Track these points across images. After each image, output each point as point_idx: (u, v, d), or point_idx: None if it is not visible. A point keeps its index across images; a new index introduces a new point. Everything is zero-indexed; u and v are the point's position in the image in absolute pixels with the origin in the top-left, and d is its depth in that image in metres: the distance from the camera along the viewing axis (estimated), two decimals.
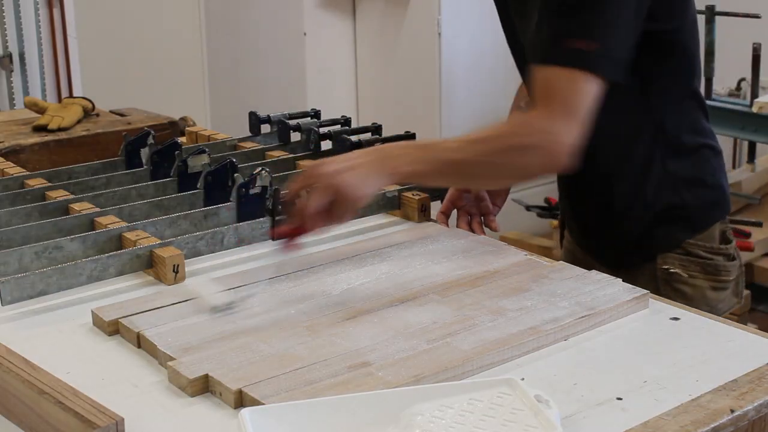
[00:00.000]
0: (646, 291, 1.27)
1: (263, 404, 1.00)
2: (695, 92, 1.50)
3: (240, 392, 1.03)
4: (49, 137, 2.15)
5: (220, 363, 1.09)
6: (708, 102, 2.26)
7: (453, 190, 1.63)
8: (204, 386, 1.07)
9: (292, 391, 1.02)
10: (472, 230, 1.58)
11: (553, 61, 1.32)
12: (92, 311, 1.25)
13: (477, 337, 1.14)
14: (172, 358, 1.11)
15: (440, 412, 0.97)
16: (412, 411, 0.97)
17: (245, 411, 0.94)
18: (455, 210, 1.63)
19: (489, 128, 1.36)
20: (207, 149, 1.70)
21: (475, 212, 1.62)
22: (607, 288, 1.28)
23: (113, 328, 1.22)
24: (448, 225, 1.59)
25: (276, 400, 1.00)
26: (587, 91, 1.30)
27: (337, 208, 1.25)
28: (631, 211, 1.50)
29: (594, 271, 1.35)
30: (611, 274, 1.33)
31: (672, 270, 1.48)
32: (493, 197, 1.64)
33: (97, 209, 1.53)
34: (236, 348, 1.13)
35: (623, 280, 1.31)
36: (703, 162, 1.50)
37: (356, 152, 1.32)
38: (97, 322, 1.24)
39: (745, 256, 3.17)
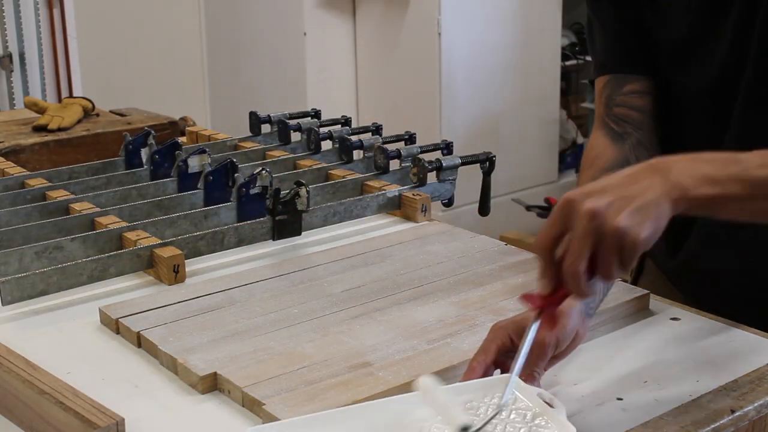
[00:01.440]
0: (646, 291, 1.27)
1: (263, 404, 1.00)
2: None
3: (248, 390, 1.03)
4: (49, 137, 2.15)
5: (226, 361, 1.09)
6: None
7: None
8: (214, 384, 1.07)
9: (292, 391, 1.02)
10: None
11: None
12: (100, 309, 1.25)
13: (477, 337, 1.14)
14: (173, 358, 1.11)
15: None
16: (417, 417, 0.96)
17: (250, 430, 0.94)
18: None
19: None
20: (207, 149, 1.70)
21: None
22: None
23: (119, 327, 1.22)
24: None
25: (276, 400, 1.00)
26: None
27: (607, 260, 0.89)
28: None
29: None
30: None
31: None
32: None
33: (98, 209, 1.53)
34: (240, 347, 1.13)
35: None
36: None
37: (622, 174, 0.94)
38: (105, 319, 1.24)
39: None
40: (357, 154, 1.81)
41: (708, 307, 1.27)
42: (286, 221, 1.49)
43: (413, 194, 1.62)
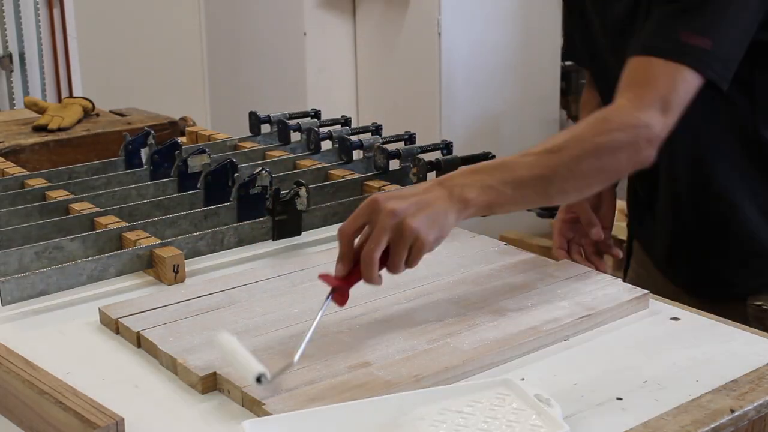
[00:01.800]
0: (646, 291, 1.27)
1: (263, 404, 1.00)
2: None
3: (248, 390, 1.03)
4: (49, 137, 2.15)
5: (224, 362, 1.09)
6: None
7: (560, 222, 1.51)
8: (213, 384, 1.07)
9: (292, 391, 1.02)
10: (591, 263, 1.44)
11: (660, 52, 1.23)
12: (99, 309, 1.25)
13: (477, 337, 1.14)
14: (173, 358, 1.11)
15: (441, 416, 0.97)
16: (413, 416, 0.96)
17: (246, 423, 0.94)
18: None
19: (563, 134, 1.22)
20: (207, 149, 1.70)
21: (587, 242, 1.51)
22: (607, 288, 1.28)
23: (119, 327, 1.22)
24: (570, 257, 1.49)
25: (276, 400, 1.00)
26: (689, 88, 1.22)
27: (400, 254, 1.09)
28: (736, 237, 1.41)
29: (595, 270, 1.35)
30: (698, 307, 1.25)
31: (765, 306, 1.40)
32: (603, 220, 1.51)
33: (97, 209, 1.53)
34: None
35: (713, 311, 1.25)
36: None
37: (418, 187, 1.15)
38: (105, 319, 1.24)
39: None
40: (357, 154, 1.81)
41: (681, 284, 1.46)
42: (286, 221, 1.49)
43: None
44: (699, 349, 1.15)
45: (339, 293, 1.11)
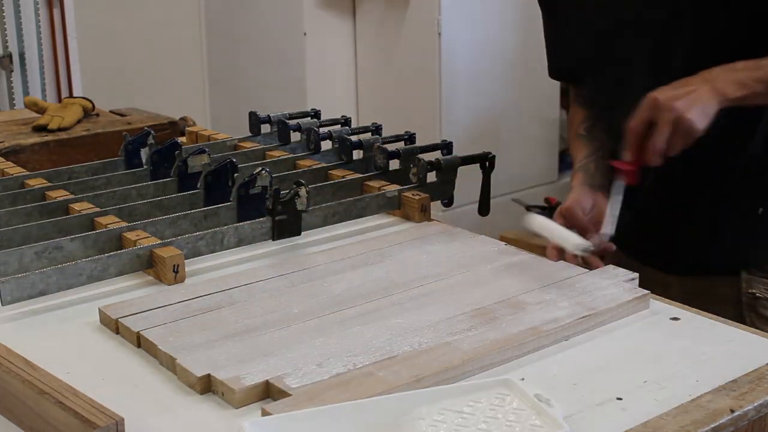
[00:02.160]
0: (646, 291, 1.27)
1: (286, 391, 1.00)
2: None
3: (242, 392, 1.03)
4: (49, 137, 2.15)
5: (225, 362, 1.09)
6: None
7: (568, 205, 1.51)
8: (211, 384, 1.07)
9: (295, 389, 1.02)
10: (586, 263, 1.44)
11: None
12: (99, 309, 1.25)
13: (477, 337, 1.14)
14: (173, 358, 1.11)
15: (441, 416, 0.97)
16: (413, 416, 0.96)
17: (246, 424, 0.94)
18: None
19: None
20: (207, 149, 1.70)
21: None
22: (607, 288, 1.28)
23: (119, 327, 1.22)
24: (563, 258, 1.43)
25: (276, 400, 1.01)
26: None
27: (677, 141, 1.28)
28: (729, 214, 1.49)
29: (596, 270, 1.35)
30: (682, 291, 1.34)
31: (759, 295, 1.46)
32: (596, 221, 1.51)
33: (97, 209, 1.53)
34: (239, 348, 1.13)
35: (703, 303, 1.30)
36: None
37: (688, 83, 1.31)
38: (105, 319, 1.24)
39: None
40: (357, 154, 1.81)
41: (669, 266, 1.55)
42: (286, 221, 1.49)
43: (413, 194, 1.62)
44: (699, 349, 1.15)
45: (630, 174, 1.35)
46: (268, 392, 1.04)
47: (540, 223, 1.38)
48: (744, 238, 1.50)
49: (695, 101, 1.28)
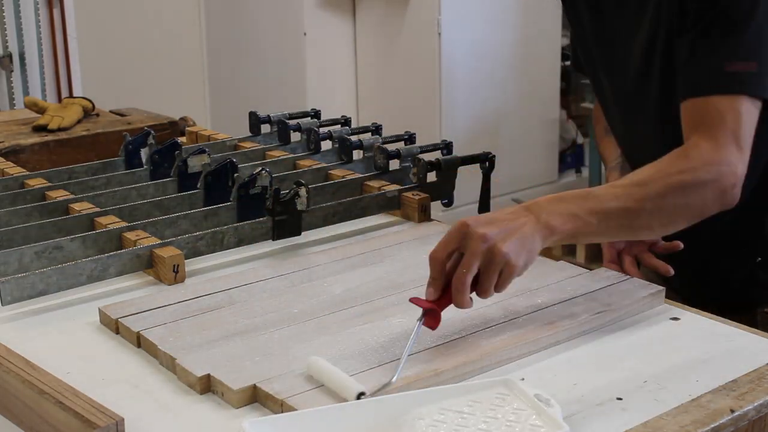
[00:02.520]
0: (661, 288, 1.27)
1: (277, 398, 1.00)
2: None
3: (244, 391, 1.03)
4: (49, 137, 2.15)
5: (224, 362, 1.09)
6: None
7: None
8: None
9: (295, 389, 1.02)
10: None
11: (713, 90, 1.25)
12: (99, 309, 1.25)
13: (478, 337, 1.14)
14: (173, 358, 1.11)
15: (441, 416, 0.97)
16: (413, 415, 0.96)
17: (246, 424, 0.94)
18: None
19: (647, 169, 1.24)
20: (207, 149, 1.70)
21: (640, 249, 1.47)
22: (617, 287, 1.27)
23: (119, 327, 1.22)
24: (623, 270, 1.42)
25: (276, 400, 1.00)
26: (751, 117, 1.24)
27: (491, 278, 1.10)
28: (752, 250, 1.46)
29: (596, 270, 1.35)
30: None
31: None
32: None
33: (97, 209, 1.53)
34: (239, 347, 1.13)
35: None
36: None
37: (504, 212, 1.16)
38: (105, 319, 1.24)
39: None
40: (357, 154, 1.81)
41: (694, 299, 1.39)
42: (286, 221, 1.49)
43: (413, 194, 1.62)
44: (699, 349, 1.15)
45: (431, 316, 1.10)
46: (256, 397, 1.04)
47: (316, 363, 1.05)
48: None
49: (513, 233, 1.11)
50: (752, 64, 1.24)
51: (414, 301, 1.12)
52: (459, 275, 1.09)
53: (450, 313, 1.21)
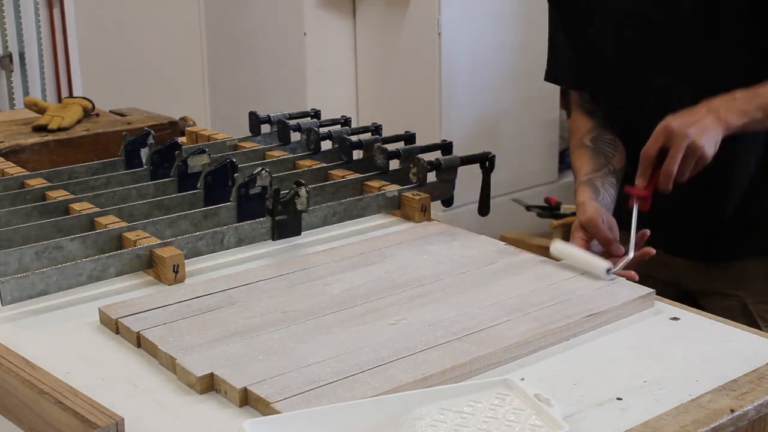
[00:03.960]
0: (651, 290, 1.27)
1: (268, 402, 1.00)
2: None
3: (245, 391, 1.03)
4: (49, 137, 2.15)
5: (225, 361, 1.09)
6: None
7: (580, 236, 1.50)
8: (212, 384, 1.07)
9: (291, 390, 1.02)
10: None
11: None
12: (99, 309, 1.25)
13: (478, 337, 1.14)
14: (173, 358, 1.11)
15: (441, 416, 0.97)
16: (413, 415, 0.96)
17: (246, 424, 0.94)
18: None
19: None
20: (207, 149, 1.70)
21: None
22: (610, 288, 1.28)
23: (119, 327, 1.22)
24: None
25: (276, 400, 1.00)
26: None
27: (687, 167, 1.33)
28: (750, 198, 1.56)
29: (599, 271, 1.35)
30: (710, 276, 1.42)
31: None
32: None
33: (97, 209, 1.53)
34: (239, 348, 1.13)
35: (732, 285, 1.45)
36: None
37: (695, 112, 1.37)
38: (105, 320, 1.24)
39: None
40: (357, 154, 1.81)
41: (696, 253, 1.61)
42: (286, 221, 1.49)
43: (413, 194, 1.62)
44: (699, 349, 1.15)
45: (644, 200, 1.39)
46: (247, 400, 1.04)
47: (565, 250, 1.38)
48: None
49: (705, 129, 1.34)
50: None
51: (629, 188, 1.41)
52: (668, 164, 1.33)
53: (450, 314, 1.21)
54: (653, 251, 1.43)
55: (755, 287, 1.58)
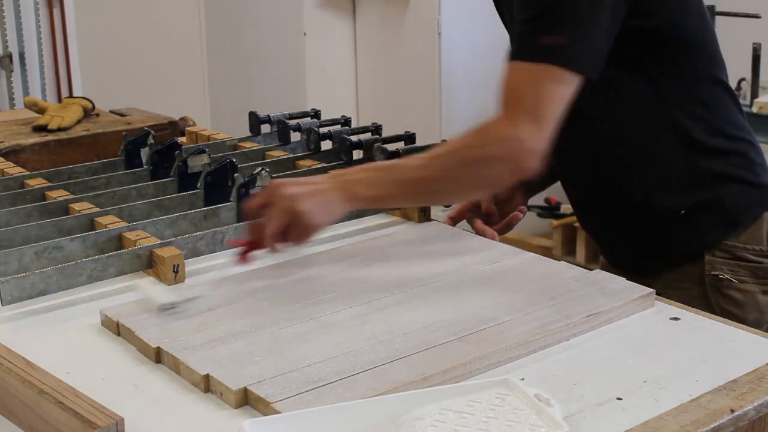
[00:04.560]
0: (651, 290, 1.27)
1: (268, 401, 1.00)
2: (720, 87, 1.44)
3: (242, 391, 1.03)
4: (49, 137, 2.15)
5: (224, 362, 1.09)
6: None
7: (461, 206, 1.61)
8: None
9: (292, 390, 1.02)
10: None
11: (520, 55, 1.31)
12: (101, 311, 1.24)
13: (478, 337, 1.14)
14: (175, 358, 1.11)
15: (441, 416, 0.97)
16: (413, 415, 0.96)
17: (246, 424, 0.94)
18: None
19: (452, 141, 1.34)
20: (207, 149, 1.70)
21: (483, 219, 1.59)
22: (610, 287, 1.28)
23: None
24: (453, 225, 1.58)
25: (276, 400, 1.00)
26: (556, 90, 1.27)
27: (293, 233, 1.26)
28: (658, 210, 1.45)
29: (597, 270, 1.35)
30: (648, 285, 1.28)
31: (721, 276, 1.44)
32: (503, 207, 1.61)
33: (97, 209, 1.53)
34: (239, 348, 1.13)
35: (666, 287, 1.33)
36: (739, 158, 1.45)
37: (318, 177, 1.33)
38: (105, 320, 1.24)
39: None
40: (357, 154, 1.81)
41: (632, 268, 1.46)
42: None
43: None
44: (699, 349, 1.15)
45: (242, 256, 1.31)
46: (247, 399, 1.04)
47: (146, 289, 1.29)
48: (704, 222, 1.45)
49: (316, 195, 1.26)
50: (561, 39, 1.27)
51: (231, 243, 1.38)
52: (265, 226, 1.26)
53: (450, 314, 1.21)
54: (521, 215, 1.48)
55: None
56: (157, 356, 1.14)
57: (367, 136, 1.85)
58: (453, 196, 1.40)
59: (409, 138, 1.82)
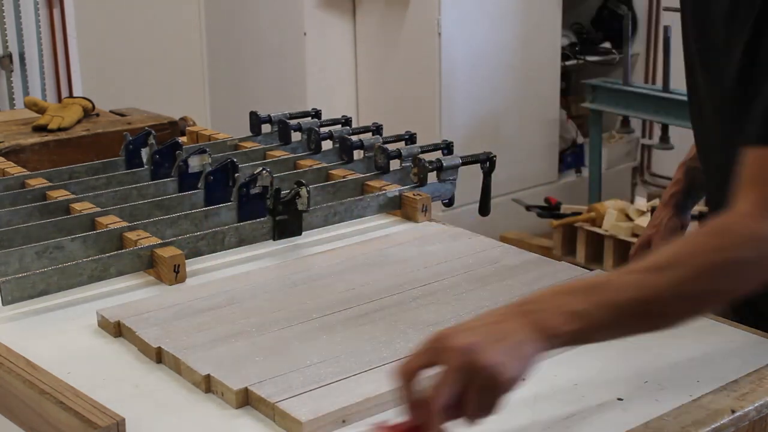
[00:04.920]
0: None
1: (268, 401, 1.00)
2: None
3: (243, 392, 1.03)
4: (49, 137, 2.15)
5: (225, 362, 1.09)
6: None
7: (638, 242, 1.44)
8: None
9: (292, 390, 1.02)
10: None
11: None
12: (97, 312, 1.25)
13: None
14: (176, 358, 1.11)
15: None
16: None
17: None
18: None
19: (672, 247, 1.01)
20: (207, 149, 1.70)
21: None
22: None
23: (119, 330, 1.22)
24: None
25: (276, 400, 1.00)
26: None
27: (476, 399, 0.88)
28: None
29: (597, 271, 1.35)
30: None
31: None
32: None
33: (98, 209, 1.53)
34: (239, 348, 1.13)
35: None
36: None
37: (495, 313, 0.95)
38: (105, 320, 1.24)
39: None
40: (357, 154, 1.81)
41: None
42: (287, 221, 1.49)
43: (413, 194, 1.62)
44: (699, 349, 1.15)
45: None
46: (248, 399, 1.04)
47: None
48: None
49: (502, 340, 0.89)
50: None
51: (381, 428, 0.90)
52: (434, 395, 0.87)
53: (450, 314, 1.21)
54: None
55: None
56: (158, 356, 1.14)
57: (368, 136, 1.86)
58: (683, 317, 1.01)
59: (410, 138, 1.82)
